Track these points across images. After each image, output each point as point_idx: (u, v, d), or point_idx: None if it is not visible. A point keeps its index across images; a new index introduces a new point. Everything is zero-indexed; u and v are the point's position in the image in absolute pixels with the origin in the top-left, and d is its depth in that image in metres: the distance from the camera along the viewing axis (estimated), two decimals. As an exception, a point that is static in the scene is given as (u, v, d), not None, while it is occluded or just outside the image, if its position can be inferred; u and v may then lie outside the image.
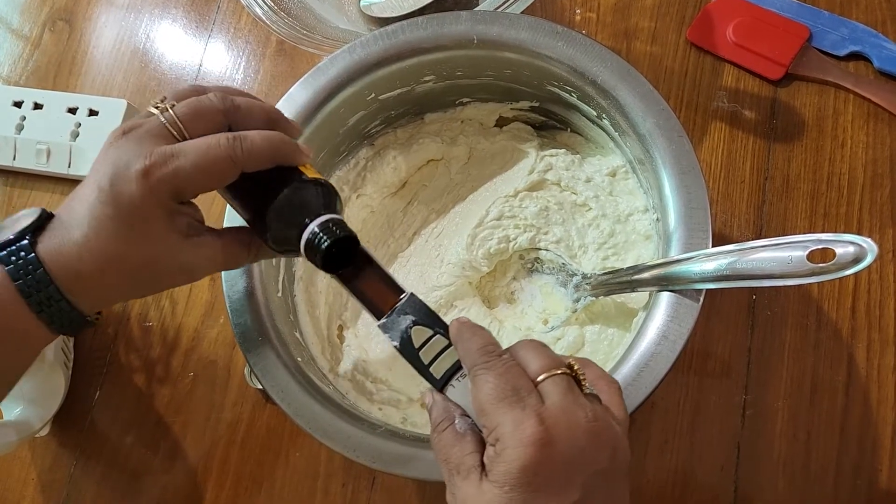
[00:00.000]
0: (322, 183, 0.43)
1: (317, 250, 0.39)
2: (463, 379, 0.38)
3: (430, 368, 0.39)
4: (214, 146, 0.40)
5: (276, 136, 0.42)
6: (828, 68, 0.66)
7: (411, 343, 0.39)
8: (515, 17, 0.55)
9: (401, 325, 0.39)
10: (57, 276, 0.39)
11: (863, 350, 0.59)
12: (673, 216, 0.49)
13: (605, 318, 0.56)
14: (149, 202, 0.39)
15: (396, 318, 0.39)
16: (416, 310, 0.39)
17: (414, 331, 0.39)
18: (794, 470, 0.58)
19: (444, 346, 0.39)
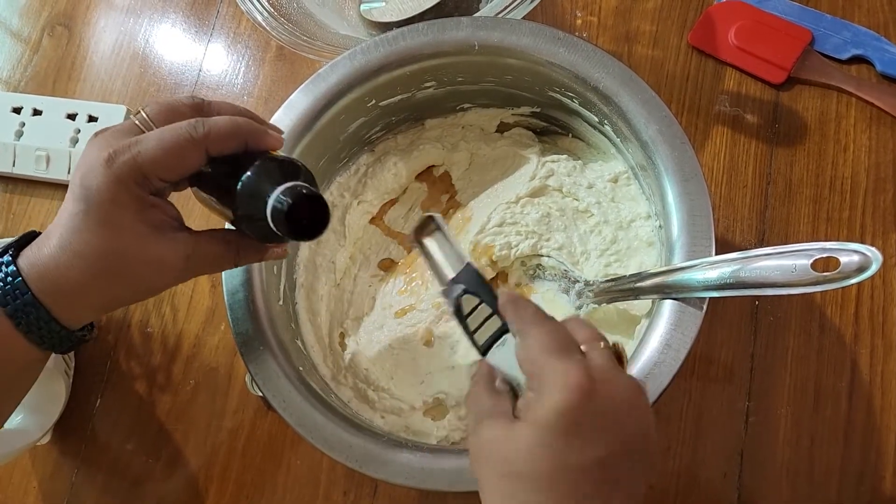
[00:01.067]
0: (289, 159, 0.42)
1: (281, 215, 0.38)
2: (502, 346, 0.40)
3: (475, 334, 0.41)
4: (175, 128, 0.40)
5: (240, 119, 0.42)
6: (830, 72, 0.66)
7: (461, 310, 0.41)
8: (516, 23, 0.55)
9: (455, 293, 0.41)
10: (34, 282, 0.40)
11: (866, 356, 0.59)
12: (676, 224, 0.49)
13: (608, 324, 0.56)
14: (114, 189, 0.39)
15: (453, 286, 0.42)
16: (468, 279, 0.41)
17: (464, 299, 0.41)
18: (798, 476, 0.57)
19: (488, 314, 0.41)
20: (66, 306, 0.41)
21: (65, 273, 0.40)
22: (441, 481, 0.46)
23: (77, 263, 0.40)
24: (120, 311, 0.70)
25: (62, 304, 0.41)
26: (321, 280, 0.60)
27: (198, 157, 0.41)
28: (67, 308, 0.41)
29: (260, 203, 0.39)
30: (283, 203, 0.38)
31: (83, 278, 0.40)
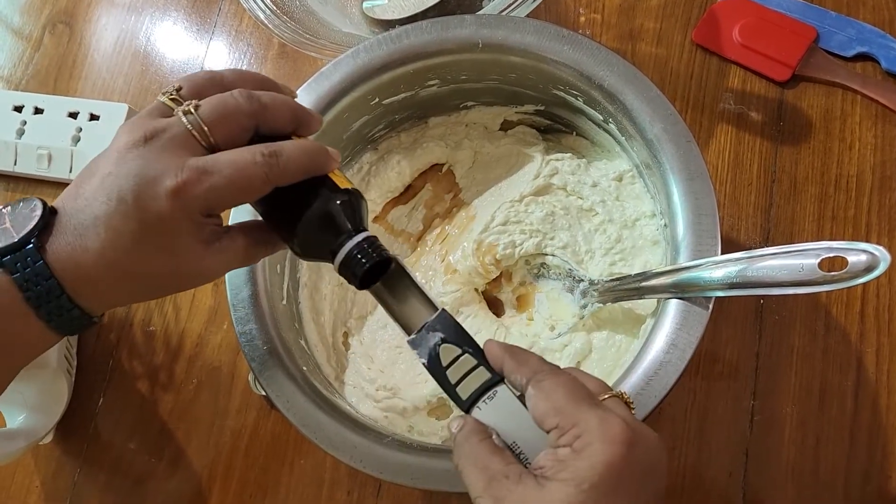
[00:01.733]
0: (353, 192, 0.41)
1: (355, 270, 0.39)
2: (492, 400, 0.37)
3: (457, 388, 0.37)
4: (251, 163, 0.37)
5: (311, 148, 0.40)
6: (835, 69, 0.65)
7: (439, 361, 0.38)
8: (520, 21, 0.54)
9: (430, 342, 0.38)
10: (67, 284, 0.37)
11: (872, 355, 0.59)
12: (681, 222, 0.49)
13: (613, 324, 0.55)
14: (179, 219, 0.37)
15: (426, 334, 0.38)
16: (446, 327, 0.38)
17: (442, 349, 0.38)
18: (803, 476, 0.57)
19: (472, 366, 0.37)
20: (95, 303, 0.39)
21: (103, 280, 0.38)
22: (445, 482, 0.45)
23: (121, 276, 0.38)
24: (122, 309, 0.70)
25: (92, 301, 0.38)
26: (325, 279, 0.60)
27: (267, 190, 0.39)
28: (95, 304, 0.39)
29: (324, 244, 0.39)
30: (358, 261, 0.38)
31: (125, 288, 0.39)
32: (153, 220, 0.37)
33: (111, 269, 0.37)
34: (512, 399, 0.37)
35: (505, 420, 0.36)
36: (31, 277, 0.36)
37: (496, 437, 0.36)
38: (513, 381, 0.37)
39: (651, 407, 0.45)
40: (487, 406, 0.37)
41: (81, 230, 0.37)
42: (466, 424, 0.37)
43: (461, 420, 0.37)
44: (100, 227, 0.37)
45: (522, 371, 0.37)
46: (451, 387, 0.37)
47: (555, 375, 0.36)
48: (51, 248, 0.37)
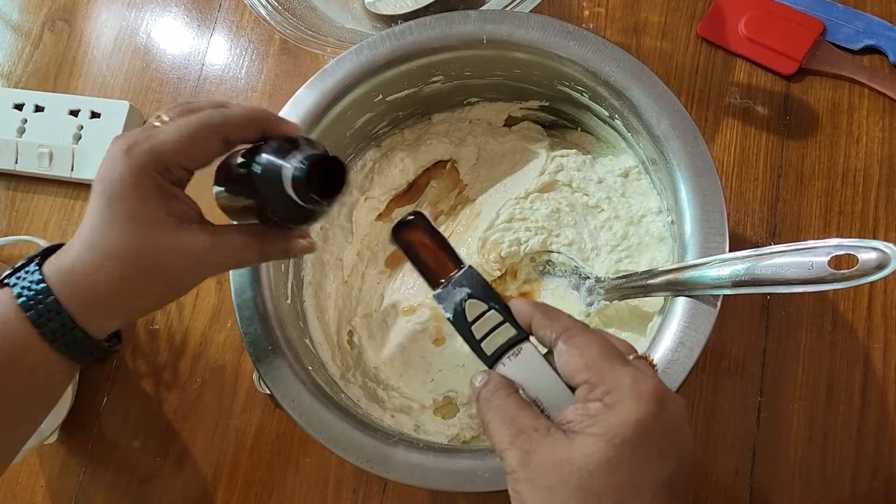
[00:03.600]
0: (303, 136, 0.41)
1: (301, 181, 0.37)
2: (515, 357, 0.38)
3: (482, 343, 0.38)
4: (193, 117, 0.40)
5: (256, 107, 0.42)
6: (842, 63, 0.65)
7: (465, 316, 0.38)
8: (525, 17, 0.54)
9: (455, 297, 0.39)
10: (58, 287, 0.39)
11: (879, 351, 0.58)
12: (689, 219, 0.48)
13: (620, 321, 0.55)
14: (136, 177, 0.38)
15: (452, 289, 0.39)
16: (473, 283, 0.39)
17: (468, 304, 0.39)
18: (811, 472, 0.57)
19: (498, 322, 0.38)
20: (91, 312, 0.40)
21: (91, 275, 0.39)
22: (453, 481, 0.45)
23: (103, 262, 0.39)
24: (125, 308, 0.69)
25: (87, 309, 0.39)
26: (329, 277, 0.59)
27: (217, 143, 0.40)
28: (92, 313, 0.40)
29: (279, 178, 0.38)
30: (301, 170, 0.37)
31: (110, 279, 0.39)
32: (115, 186, 0.38)
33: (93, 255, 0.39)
34: (536, 356, 0.38)
35: (528, 376, 0.37)
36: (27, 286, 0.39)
37: (522, 392, 0.37)
38: (541, 336, 0.37)
39: (659, 406, 0.45)
40: (512, 362, 0.38)
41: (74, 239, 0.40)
42: (492, 379, 0.37)
43: (485, 375, 0.38)
44: (83, 223, 0.40)
45: (553, 326, 0.37)
46: (476, 342, 0.38)
47: (586, 332, 0.36)
48: (50, 260, 0.40)
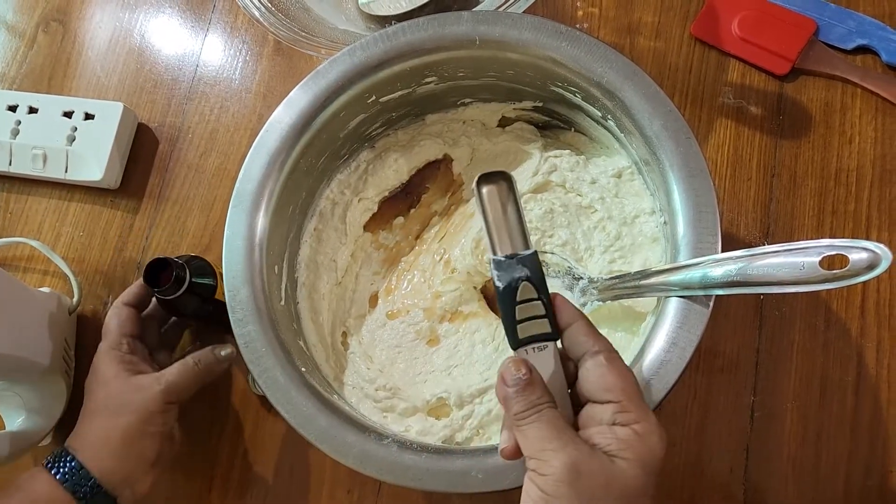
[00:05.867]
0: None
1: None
2: (539, 352, 0.39)
3: (518, 325, 0.39)
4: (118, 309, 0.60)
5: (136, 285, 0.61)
6: (835, 62, 0.65)
7: (515, 294, 0.39)
8: (518, 17, 0.54)
9: (515, 273, 0.39)
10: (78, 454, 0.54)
11: (872, 349, 0.59)
12: (681, 220, 0.48)
13: (612, 321, 0.55)
14: (104, 354, 0.58)
15: (515, 264, 0.40)
16: (534, 269, 0.40)
17: (523, 286, 0.39)
18: (804, 471, 0.57)
19: (541, 314, 0.39)
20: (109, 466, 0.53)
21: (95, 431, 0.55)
22: (446, 482, 0.45)
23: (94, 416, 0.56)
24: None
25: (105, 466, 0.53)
26: (323, 279, 0.59)
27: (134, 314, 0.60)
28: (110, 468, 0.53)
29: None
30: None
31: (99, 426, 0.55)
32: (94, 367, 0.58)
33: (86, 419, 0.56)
34: (557, 358, 0.39)
35: (547, 372, 0.39)
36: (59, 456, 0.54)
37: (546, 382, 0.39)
38: (581, 342, 0.39)
39: (652, 406, 0.45)
40: (535, 354, 0.39)
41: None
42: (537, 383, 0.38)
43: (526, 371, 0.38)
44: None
45: (599, 339, 0.39)
46: (514, 322, 0.39)
47: (622, 360, 0.39)
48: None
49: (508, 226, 0.41)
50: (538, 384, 0.38)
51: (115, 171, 0.72)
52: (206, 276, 0.60)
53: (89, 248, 0.72)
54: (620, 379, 0.37)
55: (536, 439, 0.37)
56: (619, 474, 0.35)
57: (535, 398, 0.38)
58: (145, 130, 0.74)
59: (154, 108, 0.75)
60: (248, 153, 0.54)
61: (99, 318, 0.69)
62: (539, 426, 0.37)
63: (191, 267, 0.58)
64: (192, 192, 0.72)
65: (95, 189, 0.73)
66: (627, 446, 0.35)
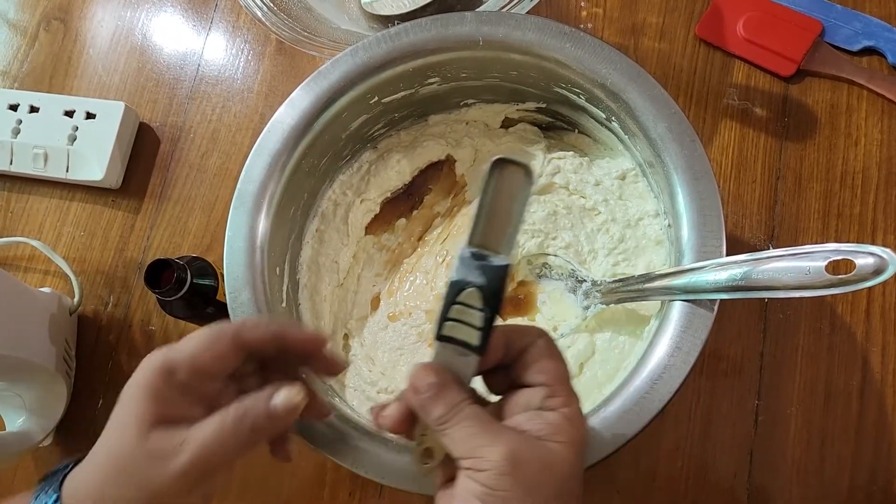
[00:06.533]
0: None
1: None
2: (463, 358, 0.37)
3: (446, 322, 0.36)
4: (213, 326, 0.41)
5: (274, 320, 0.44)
6: (841, 64, 0.64)
7: (458, 294, 0.36)
8: (522, 18, 0.54)
9: (469, 274, 0.36)
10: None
11: (878, 354, 0.58)
12: (686, 223, 0.48)
13: (616, 324, 0.55)
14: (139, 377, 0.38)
15: (475, 265, 0.36)
16: (491, 280, 0.36)
17: (470, 290, 0.36)
18: (808, 476, 0.57)
19: (474, 325, 0.36)
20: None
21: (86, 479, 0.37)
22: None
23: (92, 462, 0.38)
24: (121, 309, 0.69)
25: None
26: (324, 280, 0.59)
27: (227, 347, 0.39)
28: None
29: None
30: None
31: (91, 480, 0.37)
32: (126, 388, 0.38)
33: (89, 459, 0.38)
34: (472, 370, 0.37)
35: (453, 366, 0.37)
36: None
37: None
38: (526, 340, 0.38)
39: (656, 410, 0.44)
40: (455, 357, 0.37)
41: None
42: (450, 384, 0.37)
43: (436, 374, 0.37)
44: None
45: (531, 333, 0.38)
46: (444, 317, 0.36)
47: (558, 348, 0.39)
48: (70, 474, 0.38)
49: (497, 222, 0.36)
50: (453, 384, 0.37)
51: (117, 171, 0.71)
52: (207, 277, 0.60)
53: (90, 248, 0.71)
54: (554, 363, 0.37)
55: (466, 438, 0.35)
56: (556, 458, 0.35)
57: (452, 399, 0.36)
58: (147, 130, 0.74)
59: (155, 108, 0.75)
60: (250, 154, 0.54)
61: (100, 319, 0.69)
62: (465, 425, 0.36)
63: (192, 268, 0.58)
64: (193, 192, 0.71)
65: (96, 189, 0.72)
66: (559, 430, 0.35)
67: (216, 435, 0.36)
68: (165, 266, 0.56)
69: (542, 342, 0.38)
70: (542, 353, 0.37)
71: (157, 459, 0.36)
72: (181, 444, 0.36)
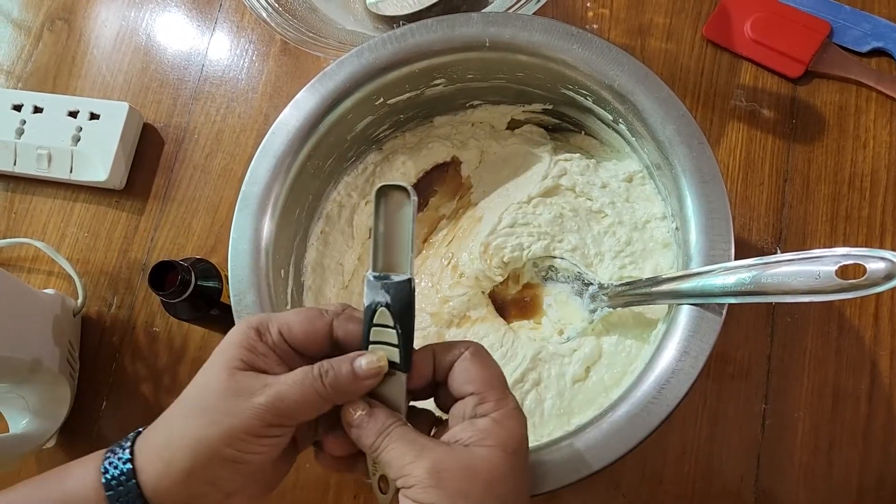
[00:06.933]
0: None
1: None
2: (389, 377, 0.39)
3: (369, 346, 0.39)
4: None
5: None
6: (849, 65, 0.64)
7: (372, 316, 0.38)
8: (528, 19, 0.53)
9: (377, 296, 0.38)
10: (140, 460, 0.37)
11: (886, 358, 0.58)
12: (694, 226, 0.48)
13: (623, 327, 0.55)
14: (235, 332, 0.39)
15: (379, 287, 0.38)
16: (397, 297, 0.38)
17: (380, 311, 0.38)
18: (816, 480, 0.57)
19: (392, 342, 0.38)
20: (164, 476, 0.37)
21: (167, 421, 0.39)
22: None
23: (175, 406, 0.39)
24: (125, 311, 0.69)
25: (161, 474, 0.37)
26: (329, 282, 0.59)
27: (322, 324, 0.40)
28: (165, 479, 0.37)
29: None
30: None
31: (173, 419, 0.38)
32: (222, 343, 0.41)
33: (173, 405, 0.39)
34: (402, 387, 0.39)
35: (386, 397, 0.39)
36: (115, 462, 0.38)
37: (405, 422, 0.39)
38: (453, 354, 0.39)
39: (664, 415, 0.44)
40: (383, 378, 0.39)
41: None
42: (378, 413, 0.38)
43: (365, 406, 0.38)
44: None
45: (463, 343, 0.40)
46: (366, 342, 0.39)
47: (488, 355, 0.40)
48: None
49: (391, 246, 0.39)
50: (380, 411, 0.38)
51: (121, 172, 0.71)
52: (211, 279, 0.59)
53: (94, 249, 0.71)
54: (482, 370, 0.38)
55: (395, 459, 0.37)
56: (480, 462, 0.36)
57: (380, 425, 0.38)
58: (151, 130, 0.74)
59: (159, 108, 0.74)
60: (255, 156, 0.54)
61: (103, 320, 0.69)
62: (393, 447, 0.37)
63: (196, 270, 0.57)
64: (197, 193, 0.71)
65: (100, 189, 0.72)
66: (488, 434, 0.36)
67: (298, 384, 0.37)
68: (170, 268, 0.56)
69: (468, 353, 0.39)
70: (470, 363, 0.39)
71: (237, 396, 0.37)
72: (263, 386, 0.37)
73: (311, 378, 0.38)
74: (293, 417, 0.37)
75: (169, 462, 0.37)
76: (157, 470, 0.37)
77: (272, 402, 0.37)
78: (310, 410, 0.38)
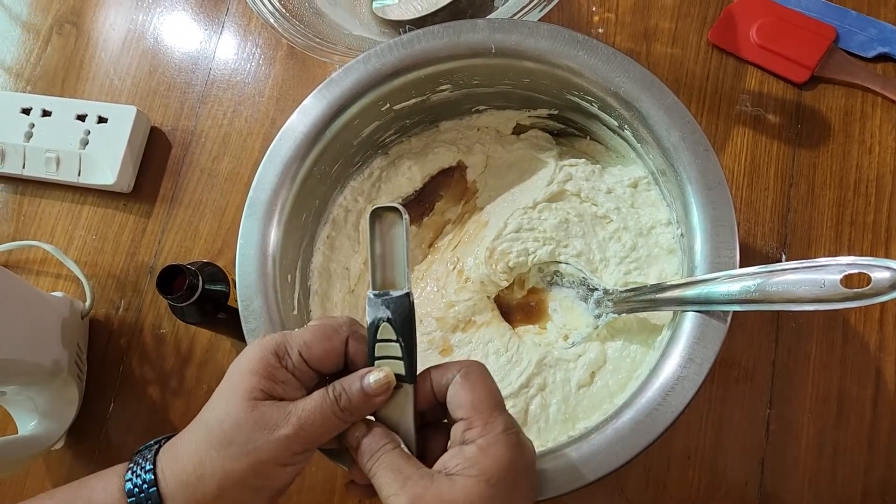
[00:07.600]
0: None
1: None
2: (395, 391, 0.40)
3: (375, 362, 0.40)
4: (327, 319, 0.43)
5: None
6: (855, 70, 0.64)
7: (375, 332, 0.40)
8: (534, 25, 0.53)
9: (378, 312, 0.40)
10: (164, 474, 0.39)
11: (891, 364, 0.58)
12: (699, 233, 0.48)
13: (628, 333, 0.55)
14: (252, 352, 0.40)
15: (380, 303, 0.40)
16: (398, 311, 0.40)
17: (383, 326, 0.40)
18: (820, 486, 0.57)
19: (397, 355, 0.40)
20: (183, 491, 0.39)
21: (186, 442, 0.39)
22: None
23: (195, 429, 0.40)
24: (133, 313, 0.69)
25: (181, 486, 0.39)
26: (335, 287, 0.59)
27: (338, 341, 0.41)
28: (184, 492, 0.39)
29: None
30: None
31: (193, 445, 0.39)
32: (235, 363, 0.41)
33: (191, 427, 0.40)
34: (410, 400, 0.40)
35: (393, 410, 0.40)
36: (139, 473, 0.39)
37: (402, 444, 0.39)
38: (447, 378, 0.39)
39: (668, 422, 0.44)
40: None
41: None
42: (374, 432, 0.39)
43: (364, 426, 0.40)
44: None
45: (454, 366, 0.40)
46: (372, 358, 0.40)
47: (483, 374, 0.39)
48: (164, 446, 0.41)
49: (388, 264, 0.41)
50: (375, 432, 0.39)
51: (128, 175, 0.71)
52: (218, 283, 0.60)
53: (102, 251, 0.72)
54: (470, 394, 0.38)
55: (382, 488, 0.37)
56: (460, 493, 0.35)
57: (374, 446, 0.39)
58: (158, 134, 0.74)
59: (167, 112, 0.75)
60: (262, 162, 0.54)
61: (111, 323, 0.69)
62: (381, 473, 0.38)
63: (203, 274, 0.58)
64: (204, 197, 0.72)
65: (108, 193, 0.73)
66: (472, 463, 0.36)
67: (318, 410, 0.39)
68: (177, 272, 0.56)
69: (458, 376, 0.39)
70: (460, 387, 0.39)
71: (263, 429, 0.38)
72: (286, 415, 0.38)
73: (329, 402, 0.39)
74: (317, 442, 0.39)
75: (195, 490, 0.38)
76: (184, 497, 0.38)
77: (296, 431, 0.38)
78: (331, 432, 0.39)
